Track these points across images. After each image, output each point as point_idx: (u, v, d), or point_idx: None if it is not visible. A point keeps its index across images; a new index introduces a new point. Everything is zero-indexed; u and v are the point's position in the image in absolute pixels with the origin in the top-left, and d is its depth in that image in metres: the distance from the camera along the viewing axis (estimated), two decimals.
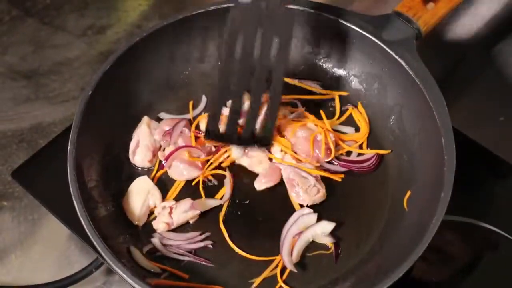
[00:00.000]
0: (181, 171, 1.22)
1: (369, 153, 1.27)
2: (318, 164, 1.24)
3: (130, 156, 1.25)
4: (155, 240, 1.16)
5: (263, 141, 1.19)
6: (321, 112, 1.29)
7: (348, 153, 1.28)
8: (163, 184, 1.23)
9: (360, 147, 1.29)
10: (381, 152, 1.27)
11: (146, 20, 1.63)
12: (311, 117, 1.28)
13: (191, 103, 1.33)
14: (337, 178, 1.24)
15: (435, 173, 1.12)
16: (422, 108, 1.19)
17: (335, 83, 1.36)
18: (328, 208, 1.21)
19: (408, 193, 1.18)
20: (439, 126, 1.14)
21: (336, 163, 1.26)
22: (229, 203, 1.21)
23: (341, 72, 1.36)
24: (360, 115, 1.32)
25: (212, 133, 1.16)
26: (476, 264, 1.19)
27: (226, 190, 1.21)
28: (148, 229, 1.18)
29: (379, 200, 1.22)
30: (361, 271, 1.13)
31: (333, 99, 1.35)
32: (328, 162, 1.26)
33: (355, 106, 1.33)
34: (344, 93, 1.35)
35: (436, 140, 1.14)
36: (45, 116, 1.43)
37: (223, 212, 1.20)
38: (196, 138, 1.26)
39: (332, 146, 1.24)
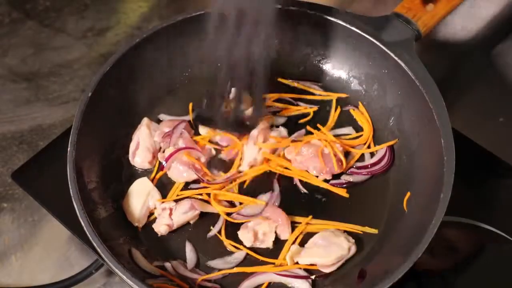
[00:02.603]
0: (180, 173, 1.22)
1: (379, 148, 1.26)
2: (330, 177, 1.23)
3: (130, 158, 1.25)
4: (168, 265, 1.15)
5: (251, 122, 1.21)
6: (319, 126, 1.29)
7: (361, 159, 1.27)
8: (163, 185, 1.23)
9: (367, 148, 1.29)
10: (390, 143, 1.26)
11: (146, 22, 1.63)
12: (316, 133, 1.27)
13: (190, 105, 1.32)
14: (345, 194, 1.22)
15: (435, 174, 1.12)
16: (422, 109, 1.19)
17: (335, 84, 1.36)
18: (329, 209, 1.21)
19: (408, 194, 1.18)
20: (438, 127, 1.14)
21: (358, 173, 1.25)
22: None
23: (340, 73, 1.36)
24: (361, 115, 1.31)
25: (199, 117, 1.24)
26: (476, 265, 1.19)
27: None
28: (148, 230, 1.18)
29: (379, 200, 1.22)
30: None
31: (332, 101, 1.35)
32: (349, 174, 1.25)
33: (356, 107, 1.33)
34: (343, 95, 1.35)
35: (436, 141, 1.14)
36: (45, 118, 1.43)
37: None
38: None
39: (341, 157, 1.23)
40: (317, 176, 1.23)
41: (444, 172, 1.09)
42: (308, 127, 1.28)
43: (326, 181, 1.23)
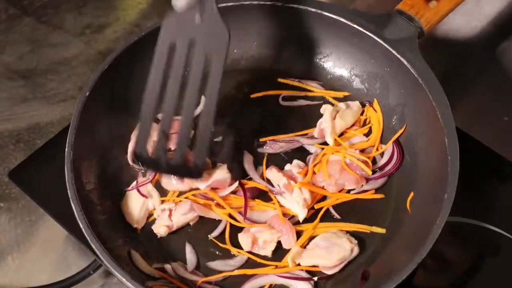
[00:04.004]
0: (171, 182, 1.20)
1: (388, 147, 1.24)
2: (364, 183, 1.22)
3: (129, 158, 1.23)
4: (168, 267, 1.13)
5: (195, 170, 1.13)
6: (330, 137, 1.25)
7: (373, 162, 1.24)
8: (162, 186, 1.22)
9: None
10: (397, 135, 1.24)
11: (145, 19, 1.62)
12: (327, 148, 1.24)
13: None
14: (381, 195, 1.21)
15: (439, 174, 1.11)
16: (425, 107, 1.18)
17: (336, 83, 1.35)
18: (331, 210, 1.20)
19: (411, 194, 1.17)
20: (442, 126, 1.13)
21: (375, 178, 1.22)
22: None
23: (342, 71, 1.35)
24: (374, 114, 1.29)
25: (139, 157, 1.12)
26: (480, 266, 1.19)
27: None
28: (147, 232, 1.17)
29: (382, 201, 1.21)
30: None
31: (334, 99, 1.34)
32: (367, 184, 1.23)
33: (370, 103, 1.31)
34: (345, 93, 1.34)
35: (439, 140, 1.12)
36: (43, 116, 1.42)
37: None
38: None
39: (364, 158, 1.22)
40: (353, 189, 1.21)
41: (448, 172, 1.08)
42: (317, 145, 1.26)
43: (348, 192, 1.22)
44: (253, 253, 1.14)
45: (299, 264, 1.12)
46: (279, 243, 1.15)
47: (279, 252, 1.15)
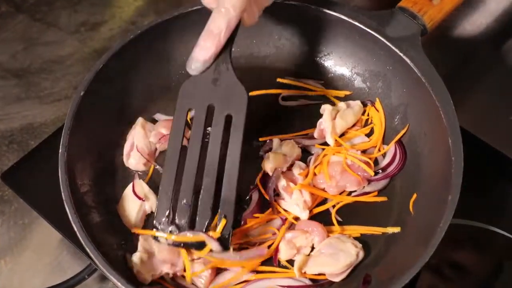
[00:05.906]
0: None
1: (390, 147, 1.23)
2: (366, 184, 1.20)
3: (125, 159, 1.23)
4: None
5: (222, 242, 1.04)
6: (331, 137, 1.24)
7: (375, 162, 1.23)
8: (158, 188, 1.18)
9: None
10: (399, 135, 1.23)
11: (141, 16, 1.62)
12: (328, 149, 1.23)
13: None
14: (384, 198, 1.20)
15: (442, 175, 1.10)
16: (428, 107, 1.17)
17: (337, 82, 1.34)
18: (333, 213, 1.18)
19: (414, 196, 1.16)
20: (446, 126, 1.12)
21: (377, 179, 1.21)
22: None
23: (343, 70, 1.34)
24: (376, 113, 1.28)
25: (157, 228, 1.06)
26: (486, 271, 1.18)
27: None
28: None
29: (384, 203, 1.19)
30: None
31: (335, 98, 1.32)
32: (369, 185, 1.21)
33: (372, 102, 1.30)
34: (347, 92, 1.32)
35: (443, 141, 1.11)
36: (36, 116, 1.42)
37: None
38: None
39: (365, 159, 1.20)
40: (354, 191, 1.20)
41: (452, 173, 1.07)
42: (317, 145, 1.25)
43: (349, 194, 1.20)
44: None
45: (305, 273, 1.11)
46: None
47: None
